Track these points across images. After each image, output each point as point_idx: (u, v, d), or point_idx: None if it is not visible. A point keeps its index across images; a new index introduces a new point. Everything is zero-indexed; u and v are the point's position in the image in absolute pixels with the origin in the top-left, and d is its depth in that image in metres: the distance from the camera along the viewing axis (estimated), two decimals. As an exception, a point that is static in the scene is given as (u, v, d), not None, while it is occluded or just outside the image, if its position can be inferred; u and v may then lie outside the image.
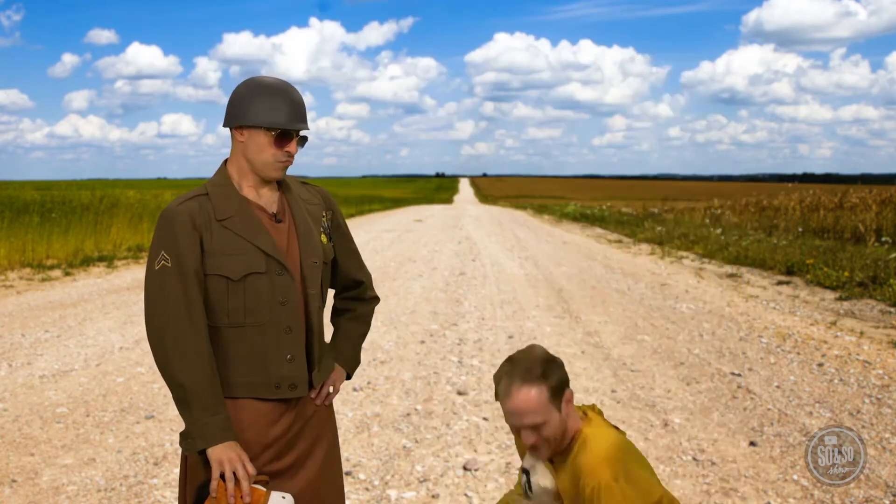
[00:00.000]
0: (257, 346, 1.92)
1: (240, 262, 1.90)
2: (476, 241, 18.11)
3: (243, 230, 1.91)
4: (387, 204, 43.22)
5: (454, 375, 5.80)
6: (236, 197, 1.94)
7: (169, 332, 1.85)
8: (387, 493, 3.69)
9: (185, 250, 1.87)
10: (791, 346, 6.77)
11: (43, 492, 3.68)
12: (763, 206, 22.79)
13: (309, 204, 2.06)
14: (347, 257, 2.18)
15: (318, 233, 2.04)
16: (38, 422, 4.67)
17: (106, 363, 6.07)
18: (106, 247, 14.23)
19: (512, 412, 1.90)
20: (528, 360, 1.93)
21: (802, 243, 14.14)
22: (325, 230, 2.07)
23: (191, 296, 1.87)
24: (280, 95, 1.92)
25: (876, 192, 19.90)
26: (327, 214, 2.10)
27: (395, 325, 7.63)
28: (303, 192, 2.08)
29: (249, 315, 1.91)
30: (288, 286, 1.93)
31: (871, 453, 4.20)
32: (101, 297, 9.31)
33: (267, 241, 1.92)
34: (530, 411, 1.88)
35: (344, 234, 2.17)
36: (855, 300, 8.89)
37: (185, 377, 1.83)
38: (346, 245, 2.17)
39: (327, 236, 2.08)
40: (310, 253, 1.98)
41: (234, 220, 1.92)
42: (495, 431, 4.56)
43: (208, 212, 1.91)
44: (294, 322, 1.95)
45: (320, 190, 2.15)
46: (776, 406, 5.06)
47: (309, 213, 2.04)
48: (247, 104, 1.91)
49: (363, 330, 2.27)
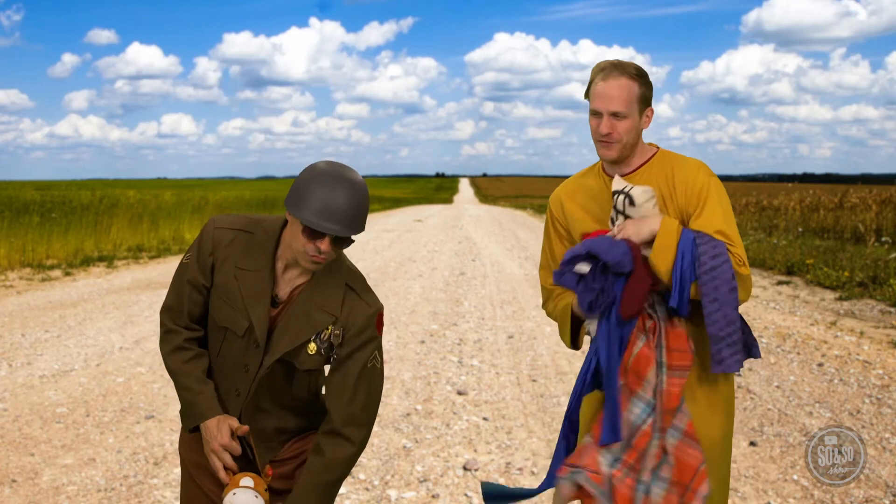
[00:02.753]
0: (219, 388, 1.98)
1: (227, 315, 1.92)
2: (476, 240, 18.11)
3: (247, 292, 1.90)
4: (387, 204, 43.22)
5: (454, 375, 5.80)
6: (267, 256, 1.91)
7: (167, 316, 1.99)
8: (387, 493, 3.69)
9: (199, 264, 1.95)
10: (791, 346, 6.77)
11: (43, 492, 3.68)
12: (763, 206, 22.79)
13: (320, 310, 1.90)
14: (333, 385, 1.92)
15: (306, 341, 1.90)
16: (38, 422, 4.67)
17: (106, 363, 6.07)
18: (106, 247, 14.22)
19: (602, 95, 2.04)
20: (630, 63, 2.08)
21: (802, 243, 14.14)
22: (321, 344, 1.90)
23: (192, 297, 1.96)
24: (328, 189, 1.79)
25: (876, 192, 19.90)
26: (337, 332, 1.90)
27: (395, 325, 7.63)
28: (329, 298, 1.91)
29: (220, 359, 1.97)
30: (255, 361, 1.92)
31: (871, 453, 4.20)
32: (101, 297, 9.31)
33: (259, 313, 1.89)
34: (618, 98, 2.02)
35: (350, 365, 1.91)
36: (855, 300, 8.89)
37: (170, 362, 1.97)
38: (341, 374, 1.91)
39: (318, 348, 1.91)
40: (275, 351, 1.89)
41: (248, 276, 1.90)
42: (495, 431, 4.56)
43: (237, 251, 1.92)
44: (243, 389, 1.95)
45: (360, 310, 1.92)
46: (776, 406, 5.06)
47: (310, 317, 1.90)
48: (298, 190, 1.83)
49: (324, 476, 1.90)
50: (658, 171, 2.09)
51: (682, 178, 2.06)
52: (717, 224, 1.99)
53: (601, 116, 2.05)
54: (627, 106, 2.03)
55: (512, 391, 5.36)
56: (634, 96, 2.04)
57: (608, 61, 2.08)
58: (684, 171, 2.06)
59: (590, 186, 2.18)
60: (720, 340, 1.95)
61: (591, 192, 2.16)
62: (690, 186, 2.04)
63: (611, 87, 2.03)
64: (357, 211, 1.81)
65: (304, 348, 1.89)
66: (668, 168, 2.09)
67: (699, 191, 2.03)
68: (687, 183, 2.05)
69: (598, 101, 2.05)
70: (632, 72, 2.05)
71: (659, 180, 2.08)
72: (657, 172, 2.09)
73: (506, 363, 6.14)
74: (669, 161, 2.11)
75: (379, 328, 1.95)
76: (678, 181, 2.06)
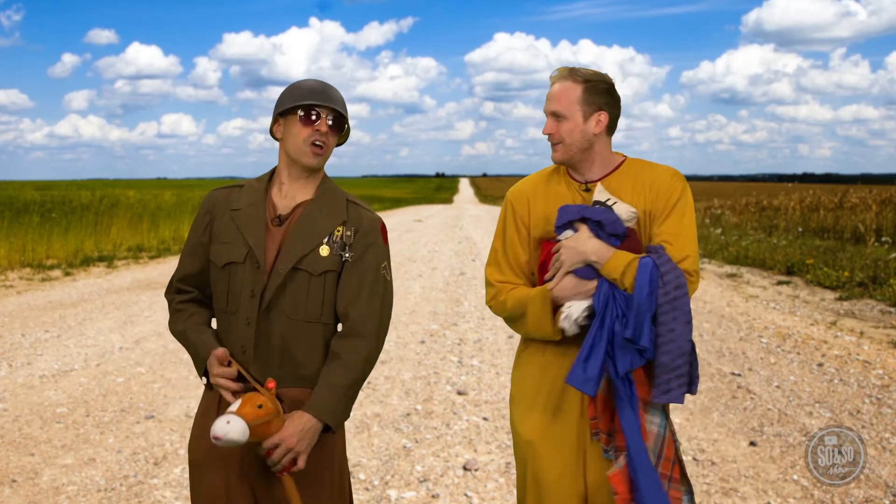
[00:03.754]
0: (231, 334, 1.99)
1: (226, 251, 1.99)
2: (476, 240, 18.11)
3: (242, 222, 1.99)
4: (387, 204, 43.22)
5: (454, 375, 5.80)
6: (259, 192, 2.03)
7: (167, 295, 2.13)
8: (387, 493, 3.69)
9: (197, 225, 2.08)
10: (791, 346, 6.77)
11: (43, 492, 3.68)
12: (763, 206, 22.80)
13: (328, 216, 1.99)
14: (347, 286, 1.97)
15: (318, 244, 1.96)
16: (38, 422, 4.67)
17: (106, 363, 6.07)
18: (106, 247, 14.22)
19: (547, 97, 2.10)
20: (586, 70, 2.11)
21: (802, 243, 14.14)
22: (333, 244, 1.97)
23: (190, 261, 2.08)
24: (308, 84, 2.00)
25: (876, 192, 19.91)
26: (348, 232, 1.98)
27: (395, 325, 7.63)
28: (334, 208, 2.00)
29: (230, 303, 1.99)
30: (259, 281, 1.95)
31: (871, 453, 4.20)
32: (101, 297, 9.31)
33: (256, 235, 1.96)
34: (556, 99, 2.07)
35: (362, 266, 1.98)
36: (855, 300, 8.89)
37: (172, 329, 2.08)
38: (356, 275, 1.97)
39: (332, 250, 1.96)
40: (288, 258, 1.93)
41: (241, 212, 2.01)
42: (495, 431, 4.56)
43: (229, 202, 2.04)
44: (252, 315, 1.95)
45: (364, 214, 2.02)
46: (776, 406, 5.06)
47: (317, 223, 1.98)
48: (281, 98, 2.02)
49: (342, 378, 1.91)
50: (627, 178, 2.10)
51: (656, 182, 2.07)
52: (680, 231, 2.02)
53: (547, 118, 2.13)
54: (566, 107, 2.06)
55: (512, 391, 5.36)
56: (575, 98, 2.06)
57: (565, 67, 2.12)
58: (658, 176, 2.09)
59: (558, 192, 2.14)
60: (671, 371, 1.93)
61: (560, 197, 2.13)
62: (665, 191, 2.06)
63: (554, 89, 2.10)
64: (339, 94, 2.00)
65: (317, 252, 1.95)
66: (640, 173, 2.10)
67: (670, 195, 2.05)
68: (661, 188, 2.06)
69: (545, 103, 2.13)
70: (578, 76, 2.07)
71: (629, 185, 2.08)
72: (626, 179, 2.10)
73: (506, 363, 6.14)
74: (640, 167, 2.12)
75: (384, 238, 2.04)
76: (650, 185, 2.07)
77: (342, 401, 1.91)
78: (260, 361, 1.94)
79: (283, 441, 1.83)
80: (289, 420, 1.86)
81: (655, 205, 2.06)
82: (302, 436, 1.85)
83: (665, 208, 2.05)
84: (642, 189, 2.07)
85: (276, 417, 1.83)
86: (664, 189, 2.06)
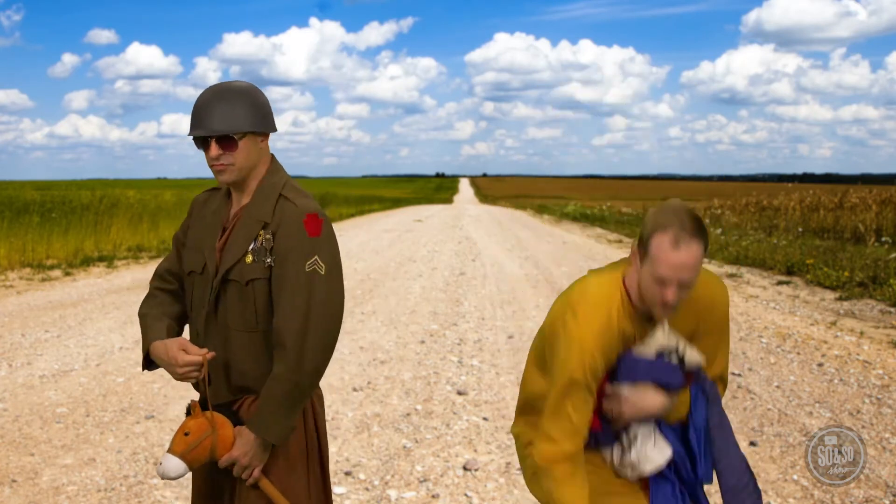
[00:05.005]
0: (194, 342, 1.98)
1: (190, 258, 2.01)
2: (476, 240, 18.11)
3: (201, 230, 2.01)
4: (387, 204, 43.22)
5: (454, 375, 5.80)
6: (222, 198, 2.03)
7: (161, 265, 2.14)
8: (387, 493, 3.69)
9: (181, 228, 2.10)
10: (791, 346, 6.77)
11: (43, 492, 3.68)
12: (763, 206, 22.80)
13: (253, 222, 1.91)
14: (273, 292, 1.88)
15: (244, 253, 1.90)
16: (38, 422, 4.67)
17: (106, 363, 6.07)
18: (106, 247, 14.22)
19: (677, 266, 1.73)
20: (693, 213, 1.78)
21: (802, 243, 14.15)
22: (255, 251, 1.89)
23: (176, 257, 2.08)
24: (196, 103, 1.91)
25: (876, 192, 19.90)
26: (268, 236, 1.88)
27: (395, 325, 7.63)
28: (262, 210, 1.91)
29: (192, 312, 2.01)
30: (206, 292, 1.94)
31: (871, 453, 4.20)
32: (101, 297, 9.31)
33: (210, 244, 1.96)
34: (692, 267, 1.74)
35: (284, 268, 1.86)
36: (855, 300, 8.89)
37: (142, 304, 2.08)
38: (278, 279, 1.87)
39: (254, 257, 1.89)
40: (221, 269, 1.91)
41: (206, 217, 2.02)
42: (495, 431, 4.56)
43: (206, 205, 2.05)
44: (200, 326, 1.96)
45: (288, 210, 1.90)
46: (776, 406, 5.06)
47: (245, 230, 1.92)
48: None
49: (275, 389, 1.85)
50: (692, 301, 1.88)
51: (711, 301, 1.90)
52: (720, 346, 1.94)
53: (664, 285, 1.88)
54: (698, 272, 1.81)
55: (512, 391, 5.35)
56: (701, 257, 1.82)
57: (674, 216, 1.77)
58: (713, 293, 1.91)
59: (627, 334, 1.84)
60: (742, 490, 1.87)
61: (626, 340, 1.85)
62: (718, 315, 1.92)
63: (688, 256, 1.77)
64: (225, 105, 1.87)
65: (243, 261, 1.90)
66: (699, 298, 1.88)
67: (720, 322, 1.93)
68: (716, 309, 1.91)
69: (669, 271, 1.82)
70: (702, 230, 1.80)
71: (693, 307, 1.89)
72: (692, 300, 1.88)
73: (506, 363, 6.14)
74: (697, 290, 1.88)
75: (310, 230, 1.87)
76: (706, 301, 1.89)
77: (276, 414, 1.85)
78: (211, 371, 1.93)
79: (234, 460, 1.87)
80: (238, 436, 1.88)
81: (706, 323, 1.91)
82: (249, 451, 1.87)
83: (714, 335, 1.93)
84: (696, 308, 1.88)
85: (211, 434, 1.85)
86: (718, 313, 1.92)
